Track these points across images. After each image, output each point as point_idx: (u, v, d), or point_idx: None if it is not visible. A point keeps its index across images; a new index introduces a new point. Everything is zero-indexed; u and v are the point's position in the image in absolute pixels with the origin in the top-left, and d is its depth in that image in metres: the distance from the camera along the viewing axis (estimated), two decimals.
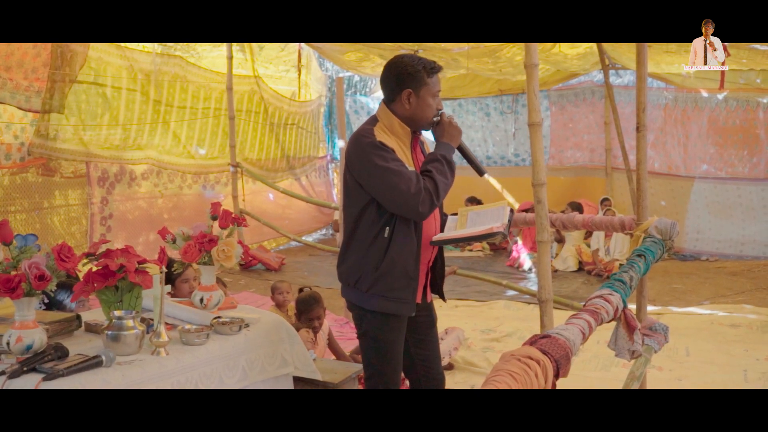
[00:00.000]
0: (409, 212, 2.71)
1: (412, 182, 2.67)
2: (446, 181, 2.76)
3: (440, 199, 2.75)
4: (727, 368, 5.01)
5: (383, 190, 2.71)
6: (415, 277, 2.82)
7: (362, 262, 2.81)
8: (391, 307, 2.80)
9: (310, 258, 9.41)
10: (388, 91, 2.87)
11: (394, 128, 2.84)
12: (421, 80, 2.80)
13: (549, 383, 1.85)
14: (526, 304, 6.85)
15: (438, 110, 2.86)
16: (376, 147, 2.73)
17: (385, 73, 2.88)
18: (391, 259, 2.75)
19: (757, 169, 9.67)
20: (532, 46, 3.63)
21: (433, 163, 2.78)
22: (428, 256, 2.94)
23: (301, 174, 10.51)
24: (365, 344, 2.95)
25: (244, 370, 2.74)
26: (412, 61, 2.84)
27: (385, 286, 2.77)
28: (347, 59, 9.10)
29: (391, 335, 2.86)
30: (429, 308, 3.10)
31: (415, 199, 2.66)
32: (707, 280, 8.08)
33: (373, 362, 2.93)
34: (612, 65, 8.68)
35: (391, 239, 2.76)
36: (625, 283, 2.70)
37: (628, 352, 2.64)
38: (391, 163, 2.70)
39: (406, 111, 2.82)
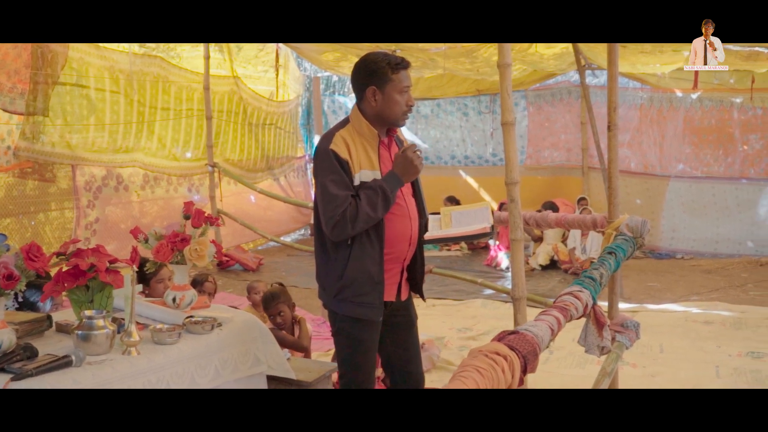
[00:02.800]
0: (324, 229, 2.76)
1: (334, 205, 2.68)
2: (371, 214, 2.71)
3: (356, 229, 2.71)
4: (700, 365, 5.08)
5: (317, 201, 2.79)
6: (380, 282, 2.82)
7: (328, 269, 2.85)
8: (358, 312, 2.82)
9: (288, 258, 9.40)
10: (356, 91, 2.88)
11: (362, 130, 2.84)
12: (385, 76, 2.78)
13: (516, 379, 1.87)
14: (503, 302, 6.88)
15: (409, 106, 2.84)
16: (328, 157, 2.75)
17: (352, 73, 2.89)
18: (354, 267, 2.77)
19: (731, 169, 9.79)
20: (505, 46, 3.65)
21: (368, 190, 2.74)
22: (402, 256, 2.94)
23: (279, 174, 10.50)
24: (338, 343, 2.97)
25: (217, 370, 2.74)
26: (377, 57, 2.84)
27: (351, 292, 2.80)
28: (325, 59, 9.10)
29: (364, 335, 2.88)
30: (407, 307, 3.10)
31: (330, 223, 2.69)
32: (682, 278, 8.16)
33: (346, 361, 2.95)
34: (588, 65, 8.75)
35: (353, 246, 2.76)
36: (595, 280, 2.72)
37: (597, 348, 2.66)
38: (328, 179, 2.72)
39: (372, 109, 2.81)
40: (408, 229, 2.90)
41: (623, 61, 8.13)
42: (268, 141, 10.10)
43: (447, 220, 2.96)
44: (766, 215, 9.55)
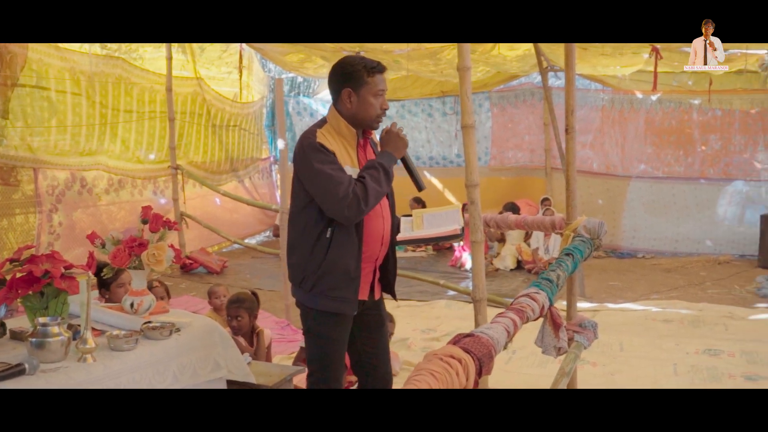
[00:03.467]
0: (336, 215, 2.78)
1: (342, 186, 2.74)
2: (378, 189, 2.81)
3: (369, 206, 2.80)
4: (658, 362, 5.16)
5: (317, 191, 2.81)
6: (356, 277, 2.89)
7: (306, 262, 2.89)
8: (332, 306, 2.88)
9: (252, 260, 9.35)
10: (332, 92, 2.95)
11: (340, 129, 2.93)
12: (361, 79, 2.86)
13: (471, 382, 1.88)
14: (466, 303, 6.92)
15: (383, 109, 2.92)
16: (316, 149, 2.81)
17: (329, 74, 2.97)
18: (332, 260, 2.83)
19: (691, 169, 9.98)
20: (465, 49, 3.70)
21: (370, 170, 2.85)
22: (375, 254, 3.01)
23: (244, 176, 10.44)
24: (309, 341, 3.03)
25: (175, 375, 2.72)
26: (353, 61, 2.92)
27: (327, 285, 2.85)
28: (289, 60, 9.08)
29: (334, 333, 2.94)
30: (378, 306, 3.17)
31: (342, 203, 2.73)
32: (643, 277, 8.29)
33: (316, 359, 3.01)
34: (550, 67, 8.84)
35: (332, 240, 2.83)
36: (552, 282, 2.76)
37: (554, 348, 2.70)
38: (327, 166, 2.77)
39: (348, 110, 2.90)
40: (381, 229, 2.99)
41: (584, 63, 8.24)
42: (233, 143, 10.04)
43: (419, 221, 3.02)
44: (725, 214, 9.74)
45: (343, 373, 3.07)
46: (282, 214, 5.99)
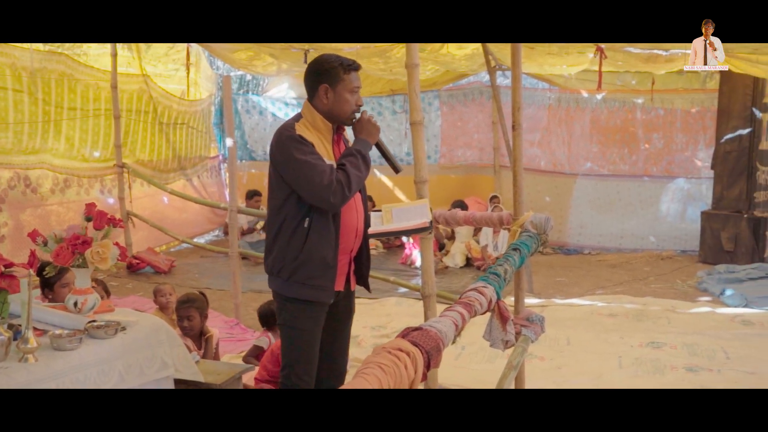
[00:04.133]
0: (321, 203, 2.87)
1: (326, 174, 2.83)
2: (359, 174, 2.94)
3: (352, 191, 2.91)
4: (604, 356, 5.27)
5: (300, 181, 2.88)
6: (333, 266, 2.98)
7: (284, 252, 2.96)
8: (309, 294, 2.97)
9: (201, 260, 9.23)
10: (309, 88, 3.04)
11: (316, 124, 3.01)
12: (337, 76, 2.97)
13: (419, 374, 1.89)
14: (417, 300, 6.94)
15: (358, 106, 3.03)
16: (295, 140, 2.89)
17: (306, 71, 3.07)
18: (310, 249, 2.92)
19: (635, 167, 10.21)
20: (413, 47, 3.72)
21: (348, 157, 2.97)
22: (350, 246, 3.11)
23: (192, 174, 10.30)
24: (284, 334, 3.11)
25: (121, 375, 2.68)
26: (330, 58, 3.02)
27: (305, 274, 2.94)
28: (238, 58, 8.98)
29: (309, 324, 3.02)
30: (350, 297, 3.30)
31: (327, 191, 2.82)
32: (589, 273, 8.45)
33: (290, 351, 3.08)
34: (498, 66, 8.94)
35: (310, 229, 2.91)
36: (499, 276, 2.79)
37: (501, 342, 2.73)
38: (308, 156, 2.86)
39: (324, 106, 2.99)
40: (355, 221, 3.09)
41: (531, 62, 8.35)
42: (180, 141, 9.90)
43: (388, 216, 3.08)
44: (667, 211, 10.00)
45: (315, 364, 3.12)
46: (231, 211, 5.92)
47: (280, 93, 11.56)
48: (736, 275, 7.93)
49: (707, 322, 6.18)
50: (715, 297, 7.18)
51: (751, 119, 8.68)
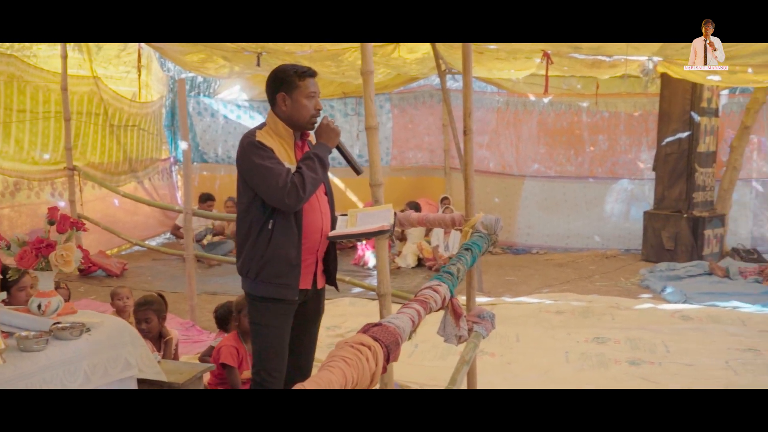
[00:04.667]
0: (278, 204, 3.00)
1: (281, 177, 2.96)
2: (315, 176, 3.06)
3: (307, 193, 3.03)
4: (552, 351, 5.47)
5: (259, 184, 3.02)
6: (297, 264, 3.11)
7: (252, 253, 3.10)
8: (275, 292, 3.10)
9: (153, 263, 9.20)
10: (269, 97, 3.18)
11: (278, 130, 3.15)
12: (293, 83, 3.12)
13: (380, 367, 2.01)
14: (370, 300, 7.08)
15: (317, 110, 3.17)
16: (255, 146, 3.03)
17: (266, 81, 3.19)
18: (274, 249, 3.05)
19: (581, 168, 10.52)
20: (369, 53, 3.81)
21: (306, 161, 3.10)
22: (315, 246, 3.23)
23: (143, 177, 10.23)
24: (254, 331, 3.24)
25: (87, 375, 2.74)
26: (285, 67, 3.17)
27: (270, 272, 3.07)
28: (189, 60, 8.98)
29: (276, 321, 3.16)
30: (319, 296, 3.45)
31: (282, 192, 2.95)
32: (537, 272, 8.69)
33: (260, 348, 3.21)
34: (448, 70, 9.12)
35: (274, 230, 3.05)
36: (453, 275, 2.92)
37: (455, 337, 2.87)
38: (266, 161, 2.99)
39: (284, 113, 3.14)
40: (319, 222, 3.22)
41: (480, 67, 8.55)
42: (131, 143, 9.84)
43: (353, 220, 3.22)
44: (611, 211, 10.33)
45: (285, 362, 3.23)
46: (186, 214, 5.95)
47: (232, 95, 11.55)
48: (676, 273, 8.26)
49: (649, 318, 6.44)
50: (657, 294, 7.47)
51: (690, 123, 9.02)
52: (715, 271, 8.33)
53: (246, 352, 4.15)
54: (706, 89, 8.97)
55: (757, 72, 7.70)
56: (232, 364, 4.02)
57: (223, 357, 4.03)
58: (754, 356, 5.32)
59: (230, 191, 10.97)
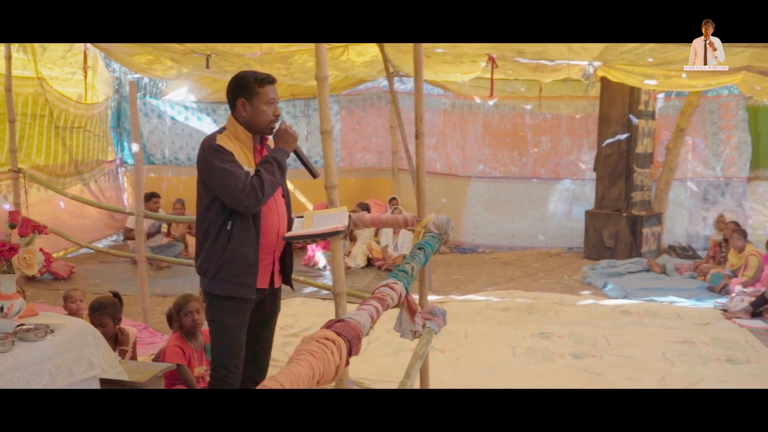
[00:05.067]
0: (237, 206, 3.10)
1: (241, 180, 3.06)
2: (273, 180, 3.16)
3: (266, 195, 3.14)
4: (499, 347, 5.66)
5: (218, 186, 3.11)
6: (255, 264, 3.21)
7: (210, 253, 3.19)
8: (233, 290, 3.20)
9: (101, 265, 9.13)
10: (229, 102, 3.27)
11: (238, 134, 3.25)
12: (252, 90, 3.21)
13: (344, 360, 2.14)
14: (322, 300, 7.20)
15: (275, 116, 3.26)
16: (215, 150, 3.13)
17: (227, 87, 3.28)
18: (233, 249, 3.15)
19: (525, 169, 10.81)
20: (323, 59, 3.91)
21: (264, 164, 3.20)
22: (272, 247, 3.34)
23: (90, 179, 10.12)
24: (212, 329, 3.34)
25: (51, 375, 2.79)
26: (245, 74, 3.27)
27: (229, 272, 3.17)
28: (137, 61, 8.94)
29: (234, 319, 3.26)
30: (276, 296, 3.52)
31: (242, 195, 3.06)
32: (483, 270, 8.91)
33: (218, 345, 3.31)
34: (396, 72, 9.27)
35: (233, 231, 3.15)
36: (407, 273, 3.06)
37: (410, 332, 3.01)
38: (226, 164, 3.09)
39: (243, 118, 3.24)
40: (276, 224, 3.33)
41: (427, 70, 8.73)
42: (77, 145, 9.72)
43: (309, 221, 3.32)
44: (554, 211, 10.64)
45: (242, 358, 3.33)
46: (138, 216, 5.96)
47: (180, 96, 11.50)
48: (616, 269, 8.58)
49: (591, 313, 6.70)
50: (598, 290, 7.77)
51: (629, 125, 9.37)
52: (652, 267, 8.69)
53: (192, 349, 4.21)
54: (644, 93, 9.33)
55: (691, 77, 8.07)
56: (180, 362, 4.08)
57: (169, 358, 4.08)
58: (689, 348, 5.60)
59: (177, 193, 10.95)
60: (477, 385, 4.76)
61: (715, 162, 10.22)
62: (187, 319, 4.18)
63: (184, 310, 4.18)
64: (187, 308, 4.17)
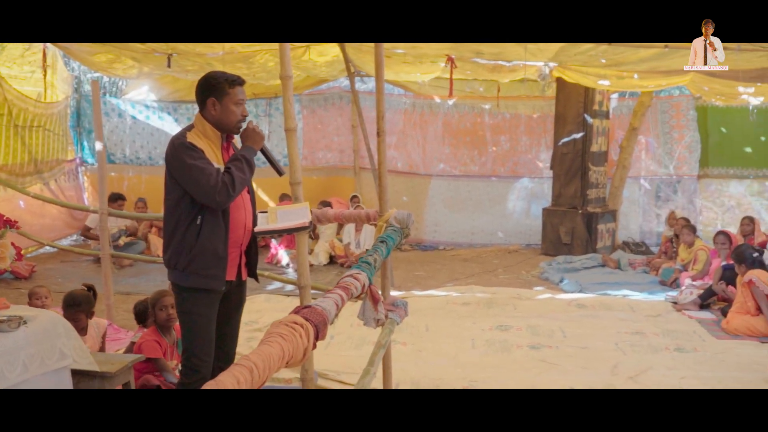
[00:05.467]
0: (209, 201, 3.21)
1: (212, 176, 3.17)
2: (243, 177, 3.27)
3: (237, 191, 3.25)
4: (459, 339, 5.83)
5: (190, 183, 3.20)
6: (224, 257, 3.32)
7: (180, 246, 3.28)
8: (203, 282, 3.30)
9: (61, 264, 9.10)
10: (199, 101, 3.36)
11: (206, 132, 3.34)
12: (223, 90, 3.31)
13: (311, 344, 2.26)
14: (285, 296, 7.30)
15: (243, 116, 3.37)
16: (186, 147, 3.21)
17: (196, 86, 3.37)
18: (203, 243, 3.25)
19: (484, 168, 11.03)
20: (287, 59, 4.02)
21: (234, 162, 3.31)
22: (239, 241, 3.45)
23: (49, 178, 10.06)
24: (183, 320, 3.42)
25: (25, 365, 2.87)
26: (216, 74, 3.37)
27: (199, 264, 3.27)
28: (97, 60, 8.92)
29: (204, 310, 3.36)
30: (242, 287, 3.64)
31: (213, 190, 3.16)
32: (444, 267, 9.09)
33: (189, 336, 3.39)
34: (357, 72, 9.41)
35: (202, 225, 3.25)
36: (370, 264, 3.19)
37: (374, 320, 3.15)
38: (198, 161, 3.18)
39: (212, 117, 3.34)
40: (243, 218, 3.45)
41: (388, 70, 8.87)
42: (37, 144, 9.66)
43: (273, 216, 3.43)
44: (513, 209, 10.88)
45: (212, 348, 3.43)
46: (102, 215, 5.99)
47: (140, 96, 11.48)
48: (573, 265, 8.82)
49: (548, 307, 6.92)
50: (555, 285, 7.99)
51: (584, 124, 9.63)
52: (607, 262, 8.96)
53: (167, 344, 4.30)
54: (598, 93, 9.60)
55: (643, 78, 8.36)
56: (157, 355, 4.17)
57: (146, 351, 4.17)
58: (640, 338, 5.83)
59: (139, 192, 10.93)
60: (438, 375, 4.91)
61: (668, 161, 10.55)
62: (162, 313, 4.27)
63: (159, 305, 4.27)
64: (162, 302, 4.26)
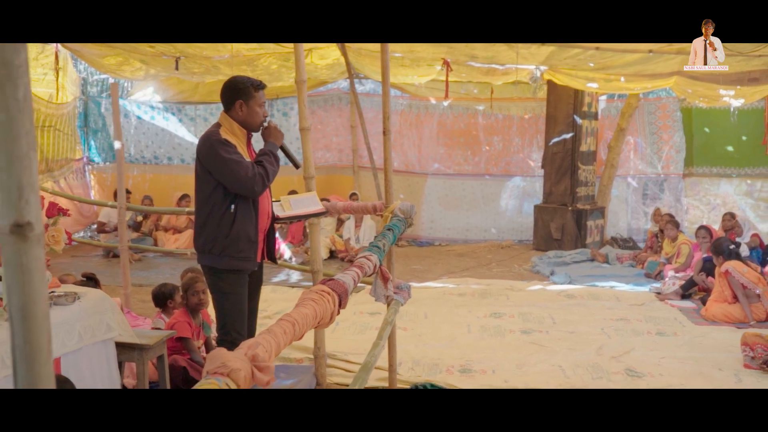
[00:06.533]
0: (247, 192, 3.60)
1: (249, 169, 3.56)
2: (274, 169, 3.68)
3: (270, 182, 3.68)
4: (455, 325, 6.24)
5: (227, 175, 3.57)
6: (255, 241, 3.73)
7: (215, 233, 3.63)
8: (239, 264, 3.68)
9: (72, 259, 9.48)
10: (226, 102, 3.72)
11: (234, 130, 3.70)
12: (249, 93, 3.69)
13: (336, 308, 2.68)
14: (290, 287, 7.71)
15: (265, 117, 3.77)
16: (221, 143, 3.57)
17: (223, 88, 3.74)
18: (237, 229, 3.63)
19: (478, 167, 11.46)
20: (302, 65, 4.50)
21: (263, 156, 3.69)
22: (264, 226, 3.85)
23: (59, 176, 10.44)
24: (219, 300, 3.77)
25: (80, 335, 3.26)
26: (243, 79, 3.74)
27: (235, 248, 3.65)
28: (107, 63, 9.29)
29: (239, 288, 3.74)
30: (261, 268, 4.05)
31: (252, 181, 3.55)
32: (440, 261, 9.51)
33: (225, 313, 3.75)
34: (356, 75, 9.82)
35: (236, 213, 3.62)
36: (380, 248, 3.60)
37: (384, 297, 3.56)
38: (233, 155, 3.56)
39: (239, 117, 3.71)
40: (267, 206, 3.87)
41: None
42: (48, 143, 10.04)
43: (287, 205, 3.88)
44: (506, 206, 11.31)
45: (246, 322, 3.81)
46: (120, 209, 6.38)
47: (146, 97, 11.85)
48: (563, 259, 9.26)
49: (539, 297, 7.34)
50: (546, 277, 8.41)
51: (573, 125, 10.06)
52: (596, 257, 9.40)
53: (195, 325, 4.70)
54: (587, 95, 10.03)
55: (629, 80, 8.79)
56: (188, 336, 4.56)
57: (180, 330, 4.56)
58: (624, 324, 6.26)
59: (143, 190, 11.33)
60: (437, 355, 5.32)
61: (656, 160, 10.99)
62: (194, 297, 4.65)
63: (192, 290, 4.66)
64: (195, 288, 4.64)
